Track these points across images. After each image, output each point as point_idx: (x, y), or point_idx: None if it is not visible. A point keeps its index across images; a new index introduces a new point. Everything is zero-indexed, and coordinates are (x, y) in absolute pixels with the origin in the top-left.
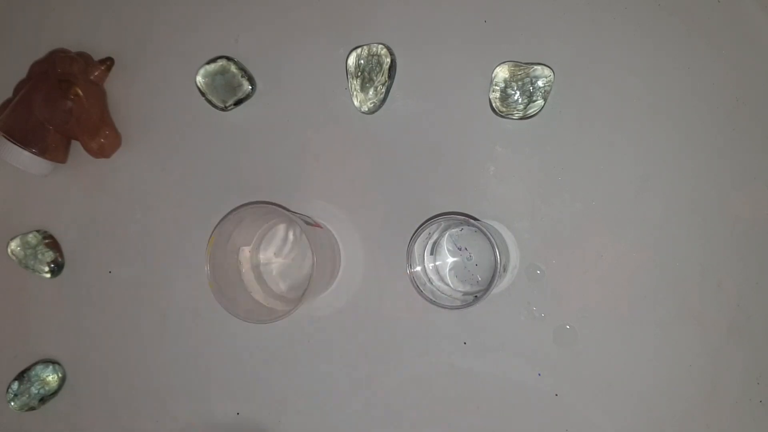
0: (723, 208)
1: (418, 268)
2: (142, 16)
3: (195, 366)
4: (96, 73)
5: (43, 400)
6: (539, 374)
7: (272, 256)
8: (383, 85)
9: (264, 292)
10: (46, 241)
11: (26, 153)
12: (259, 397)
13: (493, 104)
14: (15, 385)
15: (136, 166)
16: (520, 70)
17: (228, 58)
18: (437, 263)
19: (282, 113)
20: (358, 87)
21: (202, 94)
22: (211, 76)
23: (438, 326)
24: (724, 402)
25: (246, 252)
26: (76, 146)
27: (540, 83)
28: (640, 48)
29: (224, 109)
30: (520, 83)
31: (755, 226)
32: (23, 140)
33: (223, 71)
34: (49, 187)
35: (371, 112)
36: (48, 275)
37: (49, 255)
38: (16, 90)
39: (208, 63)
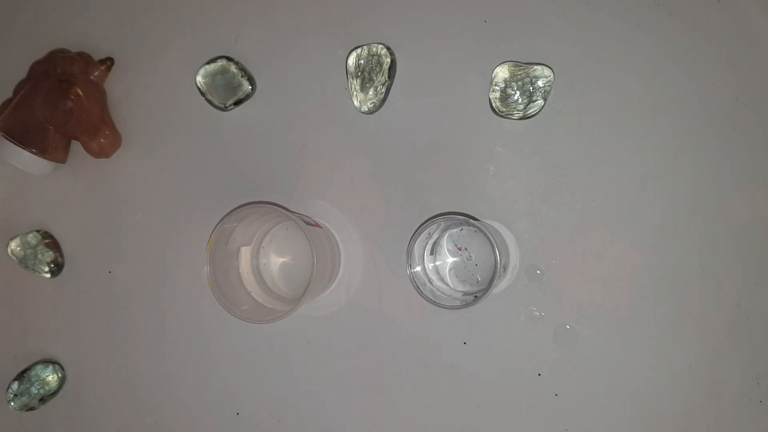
0: (723, 208)
1: (418, 268)
2: (142, 16)
3: (195, 366)
4: (96, 73)
5: (43, 400)
6: (539, 374)
7: (272, 256)
8: (383, 85)
9: (264, 292)
10: (46, 241)
11: (26, 153)
12: (259, 397)
13: (493, 104)
14: (15, 385)
15: (136, 166)
16: (520, 70)
17: (228, 58)
18: (437, 263)
19: (282, 113)
20: (358, 87)
21: (202, 94)
22: (211, 76)
23: (438, 326)
24: (724, 402)
25: (246, 252)
26: (76, 146)
27: (540, 83)
28: (639, 48)
29: (224, 109)
30: (520, 83)
31: (755, 226)
32: (23, 140)
33: (223, 71)
34: (49, 187)
35: (371, 112)
36: (48, 275)
37: (49, 255)
38: (16, 90)
39: (208, 63)
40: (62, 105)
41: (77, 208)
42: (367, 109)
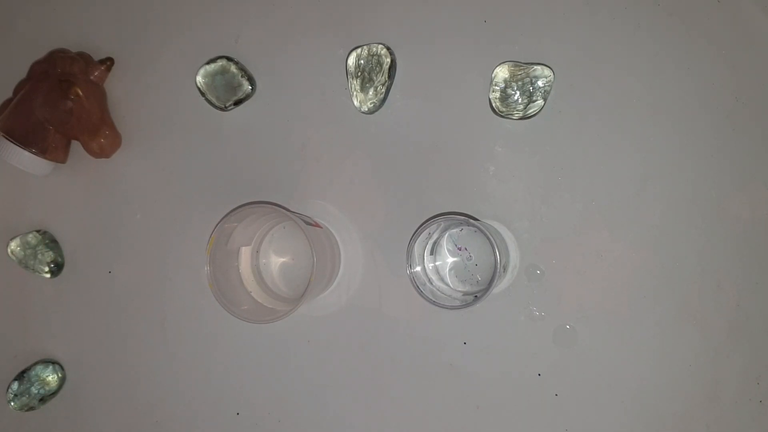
0: (723, 208)
1: (418, 268)
2: (142, 16)
3: (195, 366)
4: (96, 73)
5: (43, 400)
6: (539, 374)
7: (272, 256)
8: (383, 85)
9: (264, 292)
10: (46, 241)
11: (26, 153)
12: (259, 397)
13: (493, 104)
14: (15, 385)
15: (136, 166)
16: (520, 70)
17: (228, 58)
18: (437, 263)
19: (282, 113)
20: (358, 87)
21: (202, 94)
22: (211, 76)
23: (438, 326)
24: (724, 402)
25: (246, 252)
26: (76, 146)
27: (540, 83)
28: (639, 48)
29: (224, 109)
30: (520, 83)
31: (755, 226)
32: (23, 140)
33: (223, 71)
34: (49, 187)
35: (371, 112)
36: (48, 275)
37: (49, 255)
38: (16, 90)
39: (208, 63)
40: (62, 105)
41: (77, 208)
42: (367, 109)
